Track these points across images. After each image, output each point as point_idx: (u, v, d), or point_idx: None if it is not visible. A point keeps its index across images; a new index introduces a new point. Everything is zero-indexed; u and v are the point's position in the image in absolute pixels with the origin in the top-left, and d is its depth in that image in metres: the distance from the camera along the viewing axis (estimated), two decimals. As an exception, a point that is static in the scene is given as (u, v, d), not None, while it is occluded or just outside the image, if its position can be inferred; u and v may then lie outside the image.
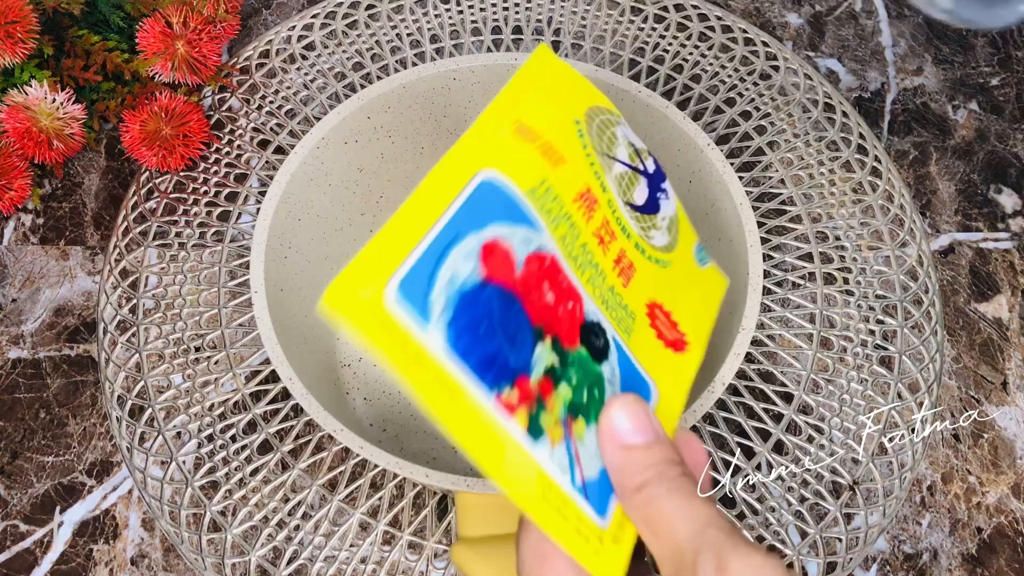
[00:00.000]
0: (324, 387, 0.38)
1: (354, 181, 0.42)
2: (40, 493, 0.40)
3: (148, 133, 0.45)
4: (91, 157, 0.49)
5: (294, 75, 0.50)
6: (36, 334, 0.44)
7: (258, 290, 0.36)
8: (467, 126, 0.44)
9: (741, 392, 0.42)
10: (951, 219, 0.48)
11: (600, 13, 0.53)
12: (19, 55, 0.42)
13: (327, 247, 0.42)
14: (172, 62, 0.45)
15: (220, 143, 0.48)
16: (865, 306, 0.44)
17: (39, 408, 0.42)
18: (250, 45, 0.51)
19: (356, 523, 0.39)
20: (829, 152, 0.49)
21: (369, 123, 0.41)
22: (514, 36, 0.52)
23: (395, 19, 0.52)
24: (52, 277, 0.46)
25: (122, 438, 0.41)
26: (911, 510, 0.41)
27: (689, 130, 0.39)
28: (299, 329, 0.38)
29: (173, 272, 0.45)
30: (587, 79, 0.31)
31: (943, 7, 0.45)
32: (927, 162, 0.50)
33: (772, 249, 0.46)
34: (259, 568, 0.38)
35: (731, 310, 0.36)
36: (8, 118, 0.43)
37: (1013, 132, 0.51)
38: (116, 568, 0.39)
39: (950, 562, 0.40)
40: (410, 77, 0.40)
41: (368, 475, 0.40)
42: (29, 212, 0.47)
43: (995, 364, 0.44)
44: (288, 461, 0.40)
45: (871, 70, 0.53)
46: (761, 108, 0.50)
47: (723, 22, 0.52)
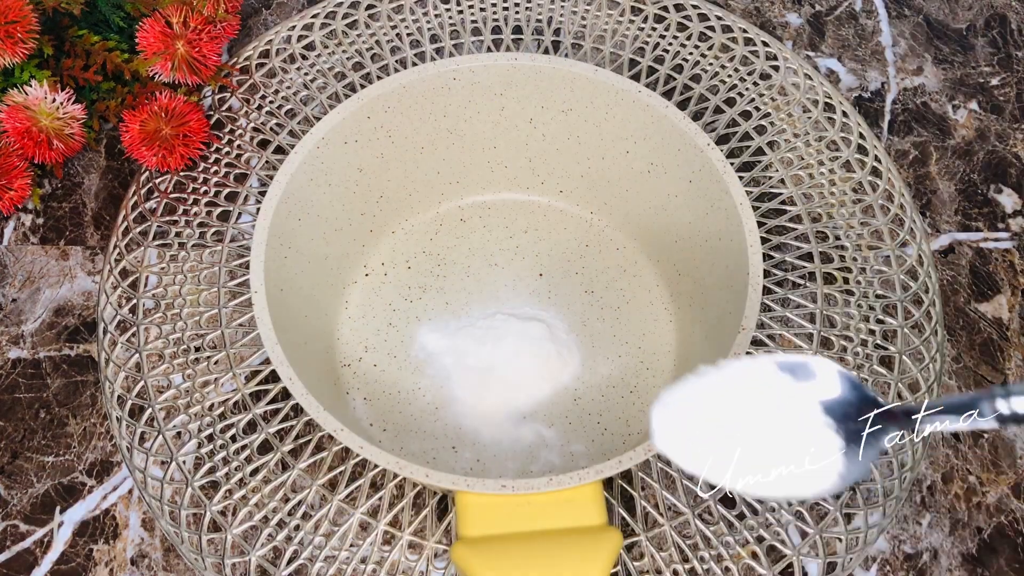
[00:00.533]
0: (324, 387, 0.38)
1: (354, 181, 0.42)
2: (40, 493, 0.40)
3: (148, 133, 0.45)
4: (91, 157, 0.49)
5: (294, 75, 0.50)
6: (36, 334, 0.44)
7: (258, 290, 0.36)
8: (467, 126, 0.44)
9: (741, 392, 0.42)
10: (951, 219, 0.48)
11: (600, 13, 0.53)
12: (19, 55, 0.42)
13: (327, 247, 0.42)
14: (172, 62, 0.45)
15: (220, 143, 0.48)
16: (865, 306, 0.44)
17: (39, 408, 0.42)
18: (250, 45, 0.51)
19: (356, 523, 0.39)
20: (829, 152, 0.49)
21: (369, 123, 0.41)
22: (514, 36, 0.52)
23: (395, 19, 0.52)
24: (52, 277, 0.46)
25: (122, 438, 0.41)
26: (911, 510, 0.41)
27: (689, 130, 0.39)
28: (299, 329, 0.38)
29: (173, 272, 0.45)
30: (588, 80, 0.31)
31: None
32: (927, 162, 0.50)
33: (772, 249, 0.46)
34: (259, 568, 0.38)
35: (731, 310, 0.36)
36: (8, 118, 0.43)
37: (1013, 132, 0.51)
38: (116, 568, 0.39)
39: (950, 562, 0.40)
40: (410, 77, 0.40)
41: (368, 475, 0.40)
42: (29, 212, 0.47)
43: (995, 364, 0.44)
44: (288, 461, 0.40)
45: (871, 70, 0.53)
46: (761, 108, 0.50)
47: (723, 22, 0.52)
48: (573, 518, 0.32)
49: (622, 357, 0.42)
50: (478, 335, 0.42)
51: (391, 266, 0.45)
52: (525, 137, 0.44)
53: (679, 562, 0.38)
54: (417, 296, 0.44)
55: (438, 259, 0.45)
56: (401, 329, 0.43)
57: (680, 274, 0.43)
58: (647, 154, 0.42)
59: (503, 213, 0.46)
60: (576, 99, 0.42)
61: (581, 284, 0.44)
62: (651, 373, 0.42)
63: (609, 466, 0.32)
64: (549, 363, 0.41)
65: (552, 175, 0.46)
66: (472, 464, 0.40)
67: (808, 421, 0.25)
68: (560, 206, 0.47)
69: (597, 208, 0.46)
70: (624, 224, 0.45)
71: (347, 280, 0.44)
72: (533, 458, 0.40)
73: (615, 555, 0.31)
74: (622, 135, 0.42)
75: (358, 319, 0.43)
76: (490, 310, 0.43)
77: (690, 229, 0.41)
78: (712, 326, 0.39)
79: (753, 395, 0.26)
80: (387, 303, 0.44)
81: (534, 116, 0.43)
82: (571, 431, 0.40)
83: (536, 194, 0.47)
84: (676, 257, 0.43)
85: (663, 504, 0.40)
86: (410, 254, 0.45)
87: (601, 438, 0.40)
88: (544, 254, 0.45)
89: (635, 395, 0.41)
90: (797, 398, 0.26)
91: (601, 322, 0.43)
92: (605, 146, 0.43)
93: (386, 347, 0.43)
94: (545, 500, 0.33)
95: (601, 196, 0.45)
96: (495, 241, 0.46)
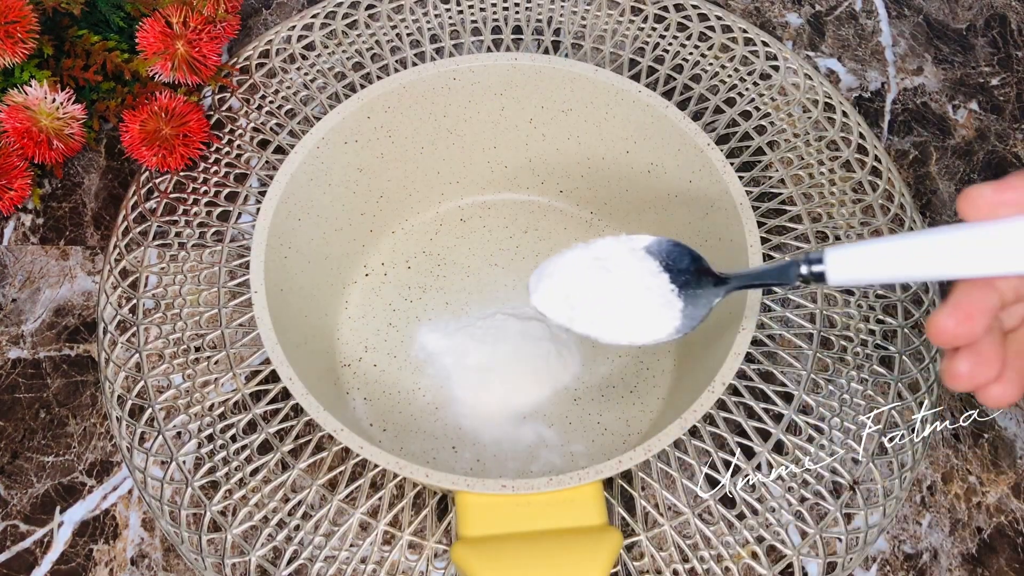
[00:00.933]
0: (324, 387, 0.38)
1: (354, 181, 0.42)
2: (40, 493, 0.40)
3: (148, 133, 0.45)
4: (91, 157, 0.49)
5: (294, 75, 0.50)
6: (36, 334, 0.44)
7: (258, 290, 0.36)
8: (467, 126, 0.44)
9: (741, 392, 0.42)
10: (951, 219, 0.48)
11: (600, 13, 0.53)
12: (19, 55, 0.42)
13: (327, 247, 0.42)
14: (172, 62, 0.45)
15: (220, 143, 0.48)
16: (865, 305, 0.44)
17: (39, 408, 0.42)
18: (250, 45, 0.51)
19: (356, 523, 0.39)
20: (829, 152, 0.49)
21: (369, 123, 0.41)
22: (514, 36, 0.52)
23: (395, 19, 0.52)
24: (52, 277, 0.46)
25: (122, 438, 0.41)
26: (911, 510, 0.41)
27: (689, 130, 0.39)
28: (299, 329, 0.38)
29: (173, 272, 0.45)
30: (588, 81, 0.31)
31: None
32: (927, 162, 0.50)
33: (772, 249, 0.46)
34: (259, 568, 0.38)
35: (731, 310, 0.36)
36: (8, 118, 0.43)
37: (1013, 132, 0.51)
38: (116, 568, 0.39)
39: (950, 562, 0.40)
40: (410, 77, 0.40)
41: (368, 475, 0.40)
42: (29, 212, 0.47)
43: (995, 364, 0.44)
44: (288, 461, 0.40)
45: (871, 70, 0.53)
46: (761, 108, 0.50)
47: (723, 22, 0.52)
48: (573, 518, 0.32)
49: (622, 357, 0.42)
50: (478, 335, 0.42)
51: (391, 266, 0.45)
52: (525, 137, 0.44)
53: (679, 562, 0.38)
54: (417, 296, 0.44)
55: (438, 259, 0.45)
56: (401, 329, 0.43)
57: (680, 274, 0.43)
58: (647, 154, 0.42)
59: (503, 213, 0.46)
60: (576, 99, 0.42)
61: (581, 284, 0.44)
62: (651, 373, 0.42)
63: (609, 466, 0.32)
64: (549, 363, 0.41)
65: (552, 175, 0.46)
66: (472, 464, 0.40)
67: (656, 285, 0.33)
68: (560, 206, 0.47)
69: (597, 208, 0.46)
70: (624, 224, 0.45)
71: (347, 280, 0.44)
72: (533, 458, 0.40)
73: (615, 555, 0.31)
74: (622, 135, 0.42)
75: (358, 319, 0.43)
76: (490, 310, 0.43)
77: (690, 229, 0.41)
78: (712, 326, 0.39)
79: (613, 265, 0.33)
80: (387, 303, 0.44)
81: (534, 116, 0.43)
82: (571, 431, 0.40)
83: (536, 194, 0.47)
84: (676, 257, 0.43)
85: (663, 504, 0.40)
86: (410, 254, 0.45)
87: (601, 438, 0.40)
88: (544, 254, 0.45)
89: (635, 395, 0.41)
90: (648, 268, 0.33)
91: (601, 322, 0.43)
92: (605, 146, 0.43)
93: (386, 347, 0.43)
94: (545, 500, 0.33)
95: (601, 196, 0.45)
96: (495, 241, 0.46)
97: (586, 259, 0.33)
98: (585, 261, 0.33)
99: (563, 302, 0.33)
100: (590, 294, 0.33)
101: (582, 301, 0.33)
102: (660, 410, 0.41)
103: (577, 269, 0.33)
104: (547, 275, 0.34)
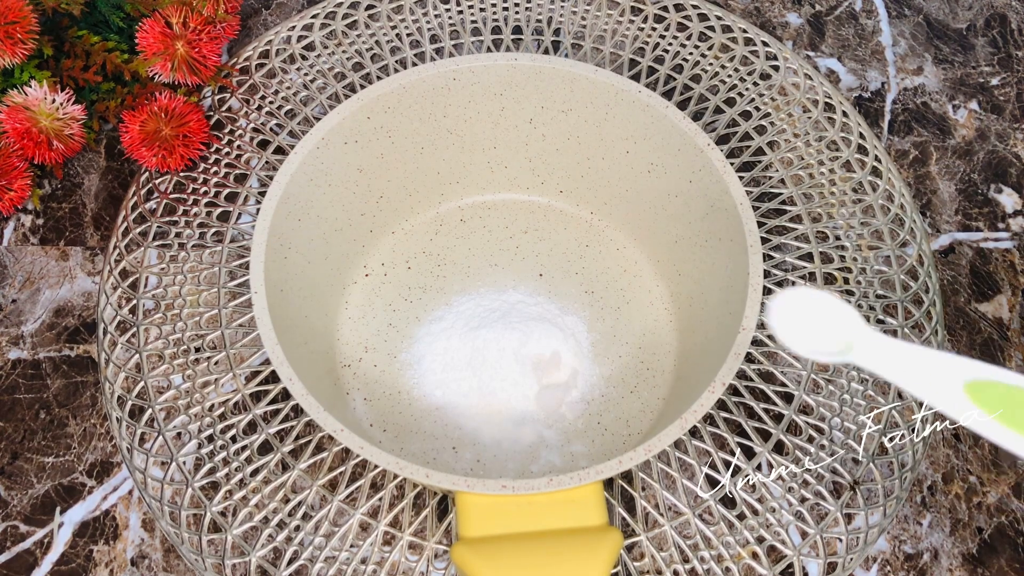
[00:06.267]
0: (324, 387, 0.38)
1: (354, 181, 0.42)
2: (40, 494, 0.40)
3: (148, 133, 0.45)
4: (91, 157, 0.49)
5: (294, 75, 0.50)
6: (36, 334, 0.44)
7: (258, 290, 0.36)
8: (467, 126, 0.44)
9: (741, 392, 0.42)
10: (951, 219, 0.48)
11: (600, 13, 0.53)
12: (19, 55, 0.42)
13: (327, 247, 0.42)
14: (172, 62, 0.45)
15: (220, 143, 0.48)
16: (865, 306, 0.44)
17: (39, 408, 0.42)
18: (250, 45, 0.51)
19: (356, 524, 0.39)
20: (829, 152, 0.49)
21: (369, 123, 0.41)
22: (514, 36, 0.52)
23: (395, 19, 0.52)
24: (52, 277, 0.46)
25: (122, 439, 0.41)
26: (912, 510, 0.41)
27: (689, 130, 0.39)
28: (299, 329, 0.38)
29: (173, 272, 0.45)
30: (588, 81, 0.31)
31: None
32: (927, 162, 0.50)
33: (772, 249, 0.46)
34: (259, 569, 0.38)
35: (731, 310, 0.36)
36: (8, 118, 0.43)
37: (1013, 132, 0.51)
38: (116, 569, 0.39)
39: (951, 562, 0.40)
40: (410, 77, 0.40)
41: (368, 475, 0.40)
42: (29, 212, 0.47)
43: (996, 364, 0.44)
44: (288, 462, 0.40)
45: (871, 70, 0.53)
46: (761, 108, 0.50)
47: (723, 22, 0.52)
48: (573, 518, 0.32)
49: (622, 357, 0.42)
50: (478, 335, 0.42)
51: (391, 266, 0.45)
52: (525, 137, 0.44)
53: (679, 562, 0.38)
54: (417, 296, 0.44)
55: (438, 259, 0.45)
56: (401, 329, 0.43)
57: (680, 274, 0.43)
58: (647, 154, 0.42)
59: (503, 213, 0.46)
60: (576, 99, 0.42)
61: (581, 284, 0.44)
62: (651, 373, 0.42)
63: (609, 466, 0.32)
64: (550, 363, 0.41)
65: (552, 175, 0.46)
66: (472, 464, 0.40)
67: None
68: (560, 206, 0.47)
69: (597, 208, 0.46)
70: (624, 224, 0.45)
71: (347, 280, 0.44)
72: (533, 458, 0.40)
73: (615, 555, 0.31)
74: (622, 135, 0.42)
75: (358, 319, 0.43)
76: (490, 310, 0.43)
77: (690, 229, 0.41)
78: (712, 326, 0.39)
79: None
80: (387, 303, 0.44)
81: (534, 116, 0.43)
82: (571, 431, 0.40)
83: (536, 194, 0.47)
84: (676, 257, 0.43)
85: (663, 504, 0.40)
86: (410, 254, 0.45)
87: (601, 438, 0.40)
88: (544, 254, 0.45)
89: (635, 395, 0.41)
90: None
91: (601, 322, 0.43)
92: (605, 146, 0.43)
93: (386, 347, 0.43)
94: (545, 500, 0.33)
95: (601, 196, 0.45)
96: (495, 241, 0.46)
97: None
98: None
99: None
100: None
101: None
102: (660, 410, 0.41)
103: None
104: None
